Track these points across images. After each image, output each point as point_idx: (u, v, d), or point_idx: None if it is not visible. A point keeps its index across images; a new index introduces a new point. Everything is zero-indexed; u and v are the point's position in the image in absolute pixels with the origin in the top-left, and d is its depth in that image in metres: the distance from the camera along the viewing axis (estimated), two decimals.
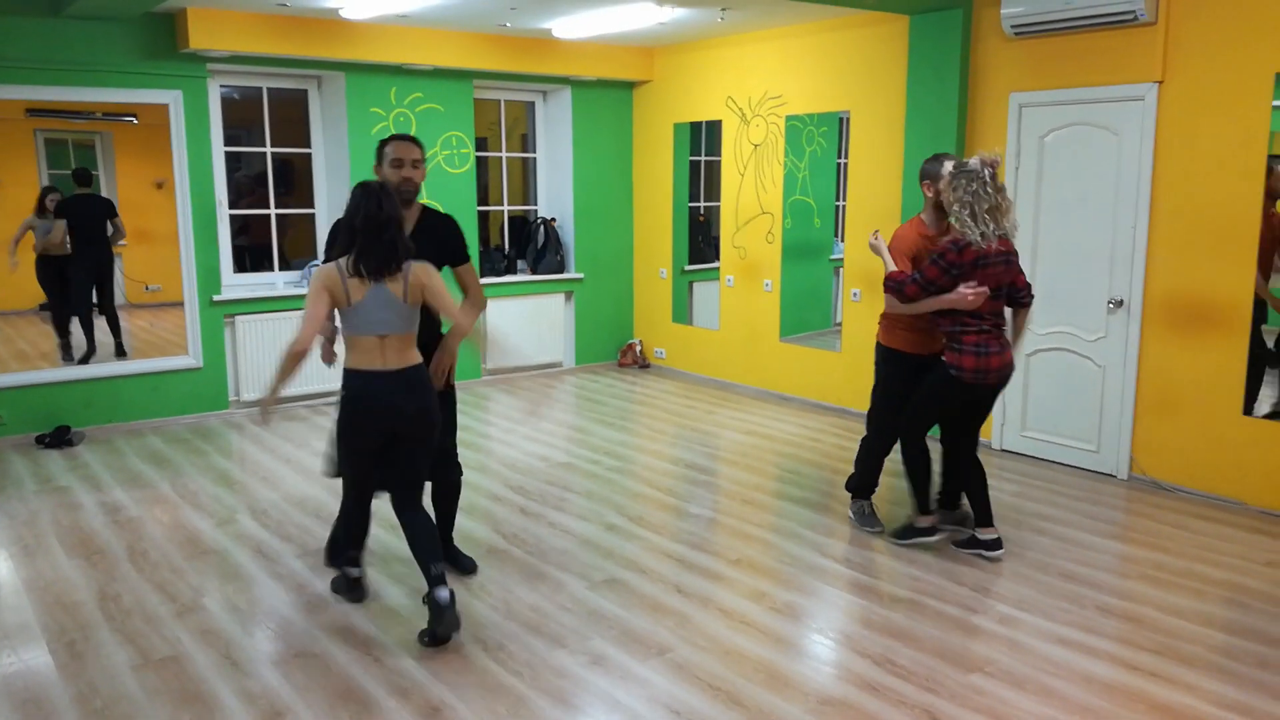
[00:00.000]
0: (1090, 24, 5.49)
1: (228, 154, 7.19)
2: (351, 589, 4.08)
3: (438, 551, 3.73)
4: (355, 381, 3.65)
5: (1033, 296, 4.59)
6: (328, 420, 6.99)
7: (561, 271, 8.78)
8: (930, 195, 4.52)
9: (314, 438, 6.63)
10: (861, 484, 5.00)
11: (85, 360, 6.93)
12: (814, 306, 8.11)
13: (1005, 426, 6.27)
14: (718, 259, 8.36)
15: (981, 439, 6.41)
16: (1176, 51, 5.31)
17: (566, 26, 7.18)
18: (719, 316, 8.34)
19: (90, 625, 3.87)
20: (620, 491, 5.53)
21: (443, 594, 3.63)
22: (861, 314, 7.04)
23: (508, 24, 7.17)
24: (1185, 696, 3.34)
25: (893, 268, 4.47)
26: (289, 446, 6.42)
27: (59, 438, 6.41)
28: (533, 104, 8.83)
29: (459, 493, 4.36)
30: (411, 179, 3.88)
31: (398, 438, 3.72)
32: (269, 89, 7.38)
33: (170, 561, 4.51)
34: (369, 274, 3.56)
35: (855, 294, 7.12)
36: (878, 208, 6.86)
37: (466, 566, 4.36)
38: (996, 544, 4.55)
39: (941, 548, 4.66)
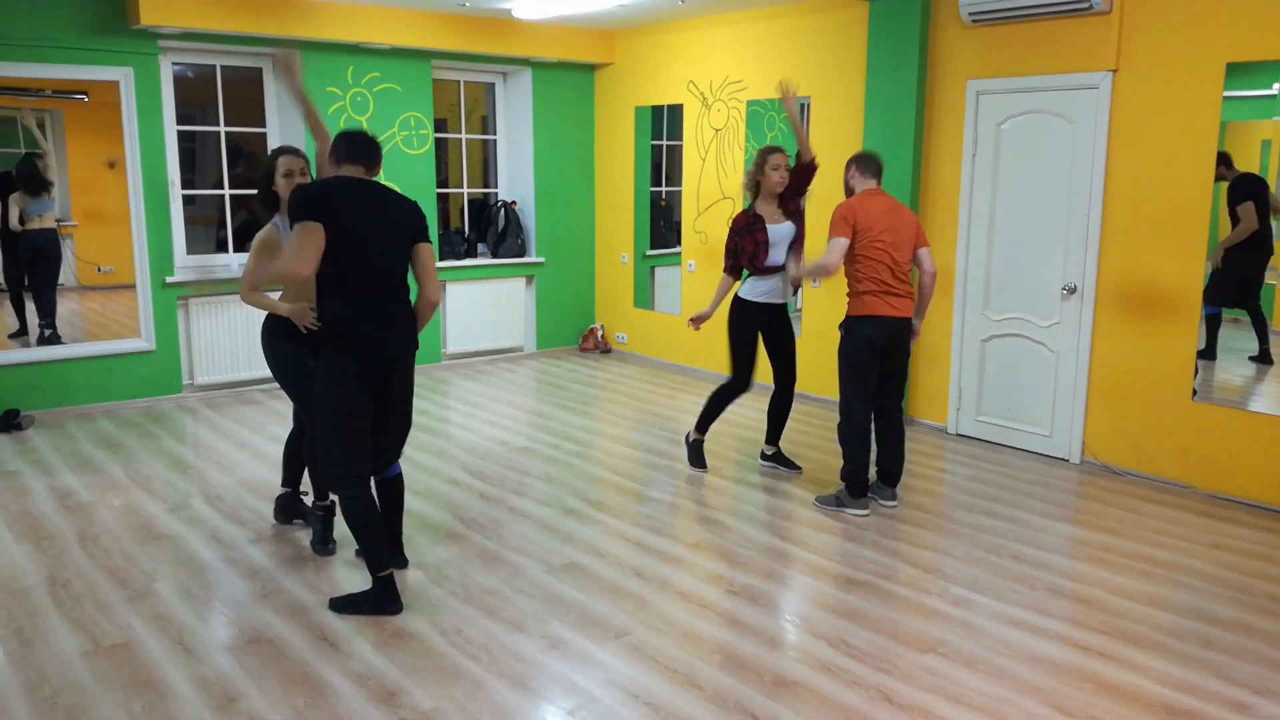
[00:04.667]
0: (1046, 12, 5.54)
1: (180, 133, 7.06)
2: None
3: None
4: None
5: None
6: (284, 404, 6.92)
7: (522, 255, 8.74)
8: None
9: (270, 422, 6.55)
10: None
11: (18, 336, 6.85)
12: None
13: (960, 411, 6.35)
14: (679, 244, 8.36)
15: (936, 423, 6.54)
16: (1131, 41, 5.37)
17: (526, 7, 7.11)
18: (680, 301, 8.35)
19: (39, 611, 3.81)
20: (580, 476, 5.53)
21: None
22: (821, 300, 7.08)
23: (466, 3, 7.10)
24: (1132, 676, 3.41)
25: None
26: (244, 431, 6.34)
27: (8, 421, 6.28)
28: (493, 85, 8.76)
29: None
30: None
31: None
32: (222, 67, 7.25)
33: (122, 547, 4.44)
34: None
35: (815, 281, 7.15)
36: (838, 193, 6.87)
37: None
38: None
39: (897, 530, 4.72)
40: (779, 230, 5.31)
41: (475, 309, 8.48)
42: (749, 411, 6.89)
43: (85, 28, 6.42)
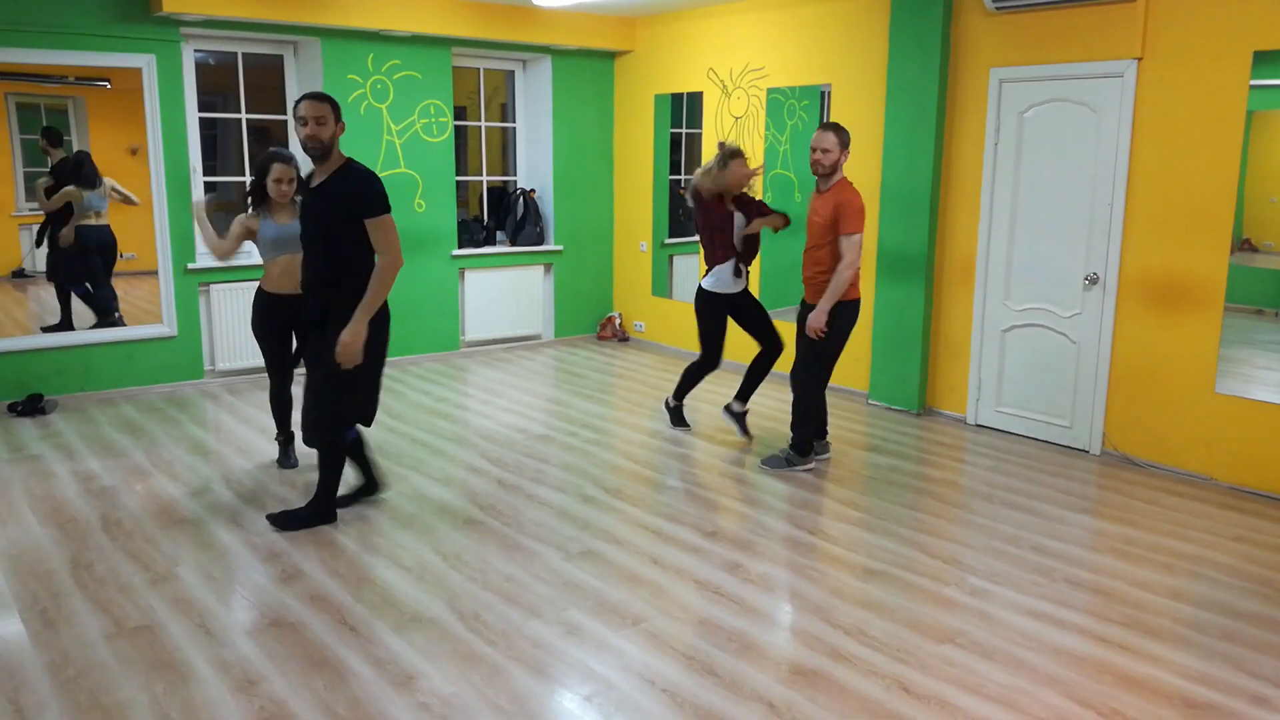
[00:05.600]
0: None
1: (202, 120, 7.10)
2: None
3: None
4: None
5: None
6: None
7: (541, 243, 8.74)
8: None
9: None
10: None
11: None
12: (793, 281, 8.09)
13: (980, 402, 6.32)
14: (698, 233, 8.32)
15: (955, 413, 6.50)
16: (1156, 28, 5.31)
17: None
18: None
19: (63, 594, 3.85)
20: (597, 464, 5.54)
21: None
22: None
23: None
24: (1152, 668, 3.39)
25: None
26: (264, 416, 6.37)
27: (32, 406, 6.35)
28: (512, 73, 8.76)
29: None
30: (315, 135, 4.18)
31: None
32: (244, 54, 7.27)
33: (144, 531, 4.49)
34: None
35: None
36: (858, 181, 6.83)
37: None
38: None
39: (916, 520, 4.71)
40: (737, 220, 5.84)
41: (493, 297, 8.49)
42: (769, 401, 6.88)
43: (108, 15, 6.45)
